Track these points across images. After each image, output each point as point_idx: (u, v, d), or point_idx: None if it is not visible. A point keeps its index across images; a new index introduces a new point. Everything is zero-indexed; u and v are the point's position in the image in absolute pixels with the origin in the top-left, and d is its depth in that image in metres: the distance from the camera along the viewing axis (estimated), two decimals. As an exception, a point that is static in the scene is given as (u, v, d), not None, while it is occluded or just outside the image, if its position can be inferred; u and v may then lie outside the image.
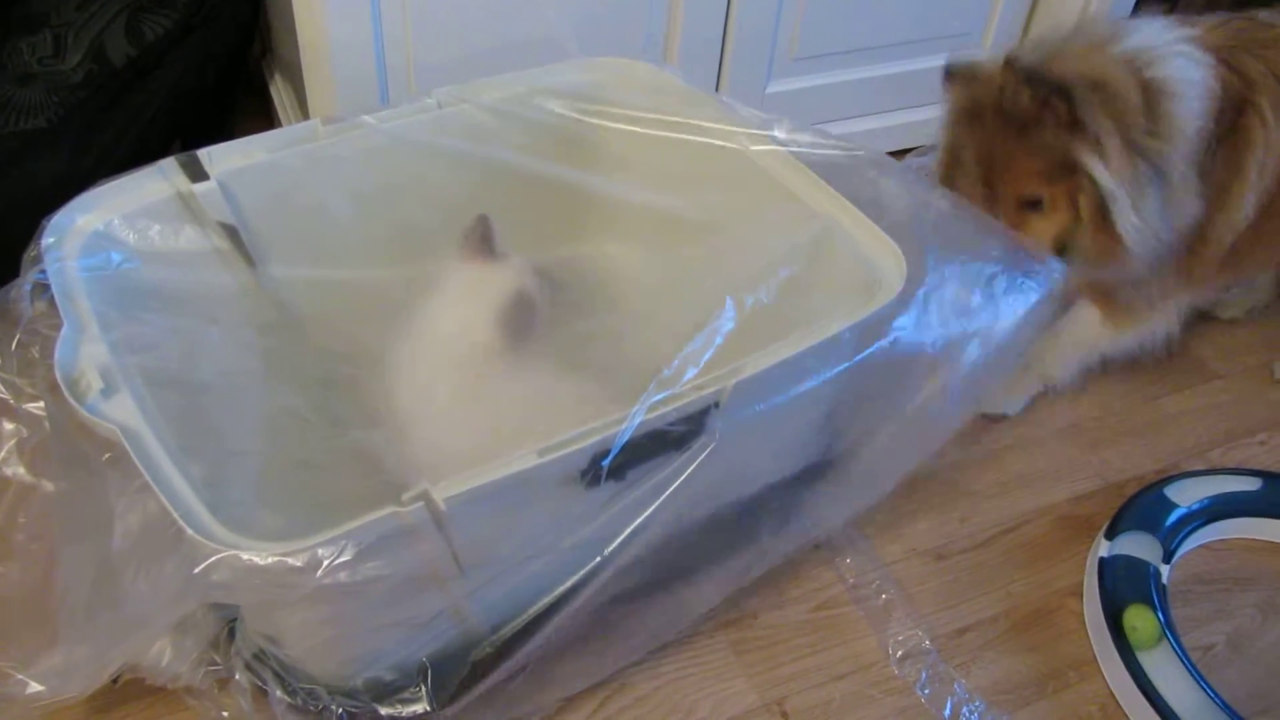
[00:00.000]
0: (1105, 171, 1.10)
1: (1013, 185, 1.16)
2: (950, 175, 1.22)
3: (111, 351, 0.84)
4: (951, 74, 1.18)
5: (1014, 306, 1.04)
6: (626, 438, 0.82)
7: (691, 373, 0.86)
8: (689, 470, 0.88)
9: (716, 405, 0.87)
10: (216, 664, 0.91)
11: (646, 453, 0.86)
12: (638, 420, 0.82)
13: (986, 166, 1.17)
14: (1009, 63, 1.10)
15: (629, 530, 0.88)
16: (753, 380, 0.88)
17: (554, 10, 1.36)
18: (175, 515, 0.72)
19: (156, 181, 1.03)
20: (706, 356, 0.88)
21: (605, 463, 0.83)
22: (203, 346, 1.00)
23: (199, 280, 1.04)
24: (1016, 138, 1.12)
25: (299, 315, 1.13)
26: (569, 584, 0.90)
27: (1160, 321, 1.31)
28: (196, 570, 0.71)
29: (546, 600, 0.90)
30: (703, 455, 0.88)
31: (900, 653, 1.09)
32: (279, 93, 1.60)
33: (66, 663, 0.85)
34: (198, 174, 1.03)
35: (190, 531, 0.71)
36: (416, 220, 1.17)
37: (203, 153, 1.04)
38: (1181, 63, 1.11)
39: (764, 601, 1.11)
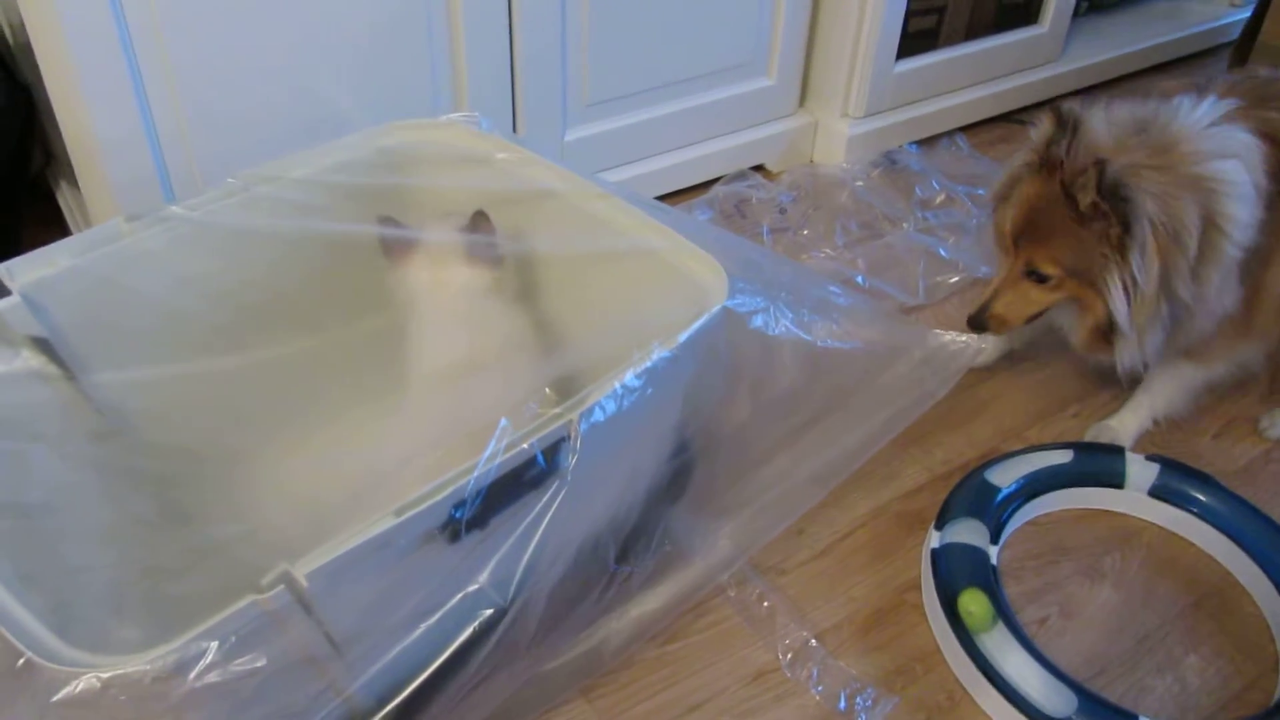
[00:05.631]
0: (1126, 312, 1.15)
1: (1034, 252, 1.20)
2: (1001, 201, 1.25)
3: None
4: (1061, 118, 1.16)
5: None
6: (486, 482, 0.83)
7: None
8: (553, 507, 0.88)
9: (566, 439, 0.88)
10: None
11: (505, 498, 0.86)
12: (490, 465, 0.83)
13: (1026, 219, 1.19)
14: (1099, 163, 1.10)
15: (513, 577, 0.88)
16: (596, 408, 0.89)
17: (334, 86, 1.35)
18: (18, 645, 0.69)
19: None
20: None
21: (460, 514, 0.83)
22: (27, 467, 0.95)
23: (14, 401, 0.99)
24: (1065, 219, 1.15)
25: (132, 418, 1.08)
26: (455, 644, 0.89)
27: (1243, 352, 1.31)
28: (57, 697, 0.68)
29: (437, 663, 0.89)
30: (560, 491, 0.89)
31: (789, 656, 1.11)
32: (66, 201, 1.55)
33: None
34: None
35: (39, 660, 0.68)
36: (238, 305, 1.14)
37: (1, 267, 1.00)
38: (1239, 174, 1.13)
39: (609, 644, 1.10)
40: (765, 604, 1.16)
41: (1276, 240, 1.19)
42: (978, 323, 1.28)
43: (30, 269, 1.02)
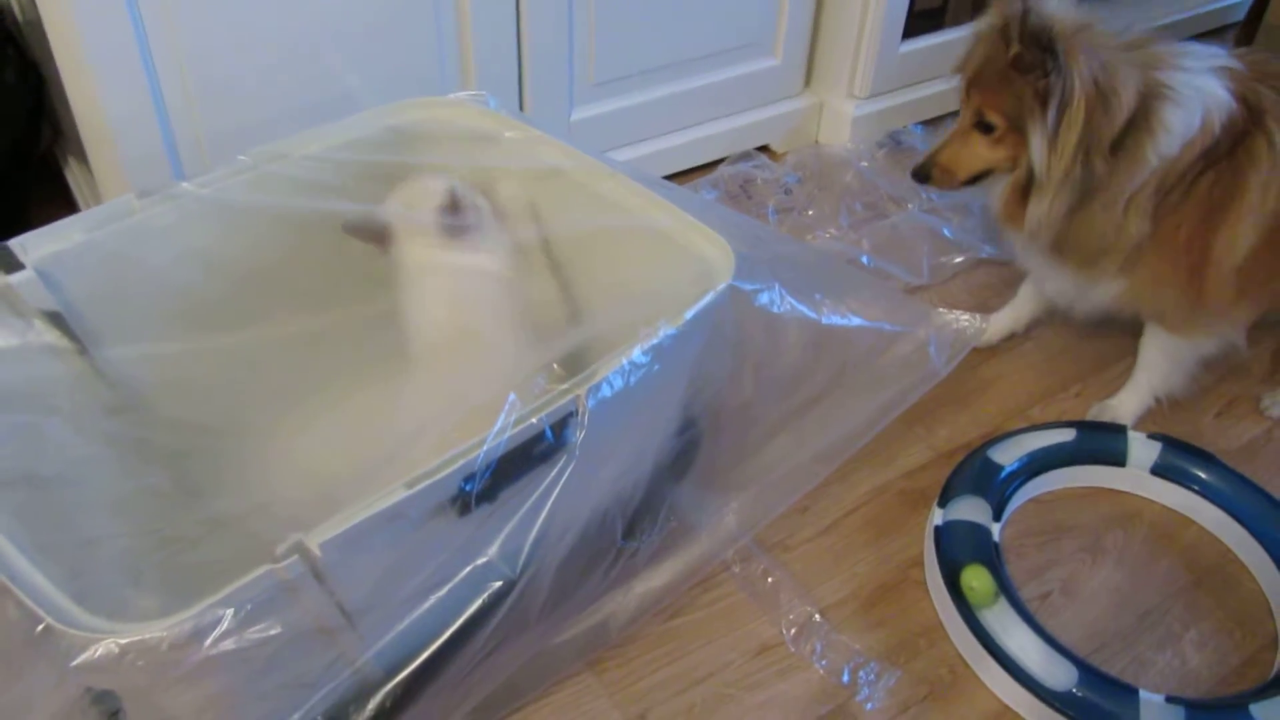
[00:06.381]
0: (1041, 157, 1.19)
1: (982, 100, 1.25)
2: (963, 64, 1.29)
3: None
4: None
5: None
6: (495, 456, 0.84)
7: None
8: (561, 481, 0.90)
9: (574, 414, 0.89)
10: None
11: (514, 471, 0.87)
12: (500, 439, 0.84)
13: (979, 70, 1.25)
14: (1025, 9, 1.15)
15: (522, 550, 0.90)
16: (604, 384, 0.90)
17: (341, 64, 1.36)
18: (39, 611, 0.71)
19: None
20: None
21: (470, 487, 0.84)
22: (43, 439, 0.96)
23: (29, 374, 1.00)
24: (1008, 66, 1.19)
25: (144, 392, 1.09)
26: (464, 616, 0.90)
27: (1215, 326, 1.32)
28: (75, 662, 0.69)
29: (446, 634, 0.91)
30: (568, 466, 0.90)
31: (793, 631, 1.13)
32: (75, 177, 1.56)
33: None
34: (11, 264, 1.00)
35: (59, 625, 0.70)
36: (248, 281, 1.15)
37: (15, 242, 1.01)
38: (1182, 106, 1.17)
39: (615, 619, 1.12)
40: (769, 580, 1.17)
41: (1226, 203, 1.21)
42: (922, 172, 1.34)
43: (44, 244, 1.02)
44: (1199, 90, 1.18)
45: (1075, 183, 1.19)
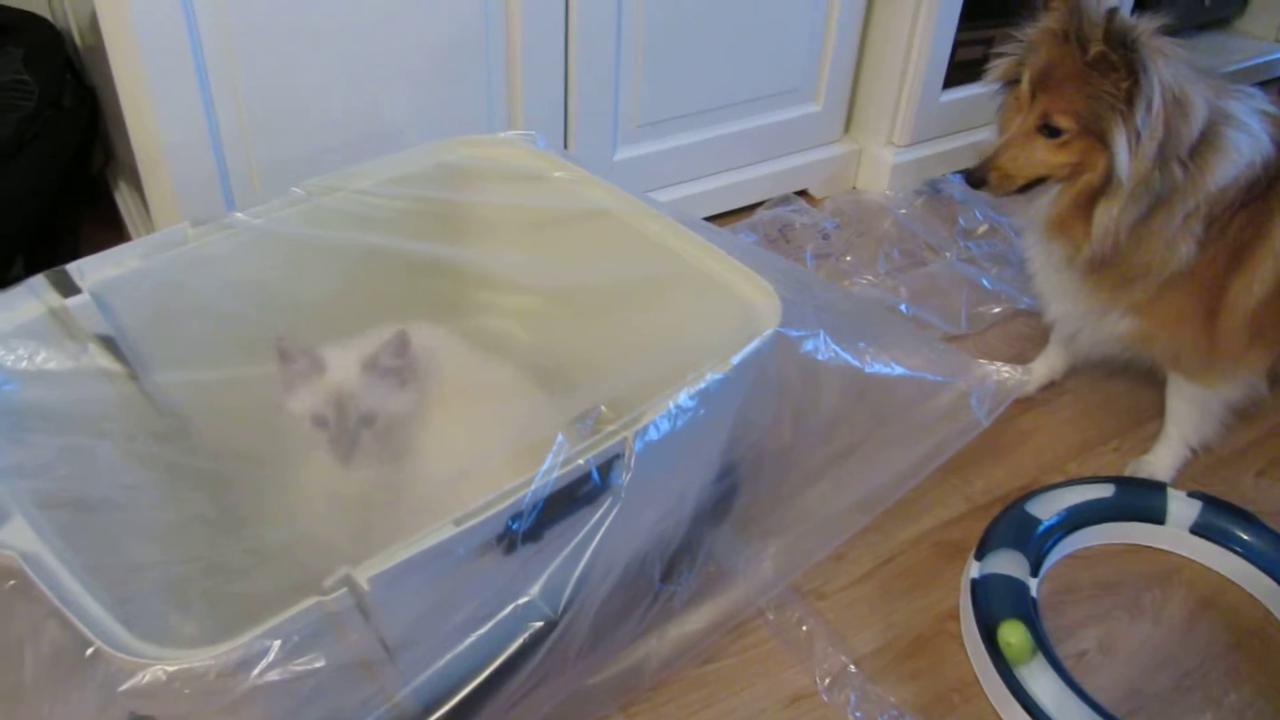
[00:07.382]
0: (1127, 160, 1.16)
1: (1051, 103, 1.20)
2: (1013, 70, 1.27)
3: (-2, 478, 0.81)
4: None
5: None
6: (542, 495, 0.85)
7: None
8: (606, 522, 0.90)
9: (621, 456, 0.90)
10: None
11: (560, 511, 0.88)
12: (548, 479, 0.85)
13: (1045, 71, 1.20)
14: (1110, 11, 1.12)
15: (565, 590, 0.90)
16: (650, 427, 0.91)
17: (392, 99, 1.38)
18: (89, 634, 0.71)
19: (26, 300, 1.00)
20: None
21: (516, 526, 0.85)
22: (93, 462, 0.97)
23: (82, 396, 1.02)
24: (1085, 67, 1.15)
25: (191, 419, 1.11)
26: (504, 655, 0.91)
27: (1232, 370, 1.31)
28: (123, 687, 0.70)
29: (485, 673, 0.91)
30: (614, 508, 0.91)
31: (827, 681, 1.12)
32: (124, 200, 1.58)
33: None
34: (69, 288, 1.01)
35: (109, 649, 0.70)
36: (297, 312, 1.16)
37: (72, 266, 1.03)
38: (1244, 131, 1.19)
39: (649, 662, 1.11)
40: (804, 628, 1.17)
41: (1251, 244, 1.21)
42: (978, 177, 1.26)
43: (99, 269, 1.04)
44: (1251, 126, 1.20)
45: (1151, 189, 1.17)
